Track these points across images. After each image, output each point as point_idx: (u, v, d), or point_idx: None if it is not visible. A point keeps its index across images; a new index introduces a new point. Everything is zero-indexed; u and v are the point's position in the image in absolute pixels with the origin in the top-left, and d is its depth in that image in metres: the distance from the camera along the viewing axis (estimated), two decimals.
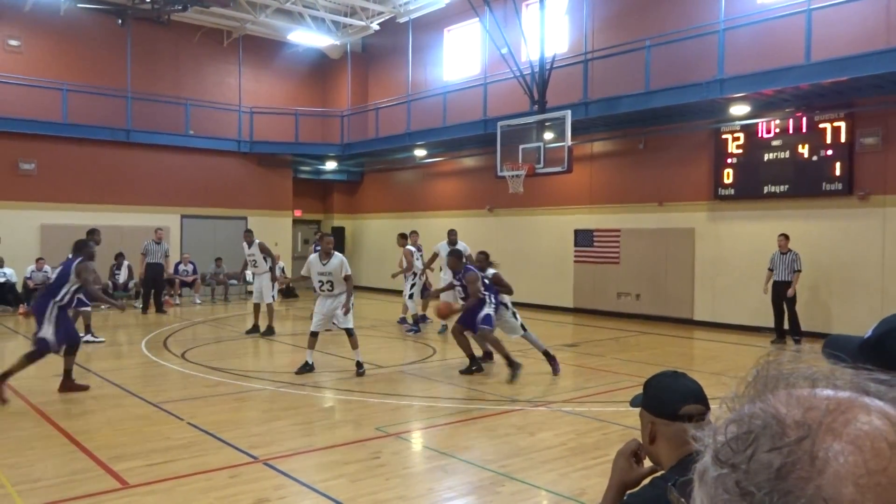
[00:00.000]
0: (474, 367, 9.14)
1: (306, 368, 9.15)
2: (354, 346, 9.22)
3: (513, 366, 8.71)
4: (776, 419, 0.52)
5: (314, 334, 9.33)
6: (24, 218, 17.12)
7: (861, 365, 0.57)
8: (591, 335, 13.07)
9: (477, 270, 9.23)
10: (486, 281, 9.21)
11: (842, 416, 0.51)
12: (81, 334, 11.73)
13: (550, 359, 9.11)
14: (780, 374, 0.57)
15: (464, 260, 9.64)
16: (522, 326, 9.36)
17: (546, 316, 15.81)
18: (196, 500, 4.77)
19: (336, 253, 9.37)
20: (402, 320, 13.79)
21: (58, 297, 7.90)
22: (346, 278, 9.21)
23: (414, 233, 14.34)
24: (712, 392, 1.97)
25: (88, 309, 11.97)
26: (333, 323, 9.47)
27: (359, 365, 9.16)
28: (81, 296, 12.02)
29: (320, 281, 9.27)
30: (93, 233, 12.44)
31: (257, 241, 13.02)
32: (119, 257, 17.04)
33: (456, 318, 9.20)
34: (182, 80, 20.45)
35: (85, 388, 8.13)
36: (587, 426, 6.70)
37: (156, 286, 16.22)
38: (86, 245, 8.45)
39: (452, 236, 12.69)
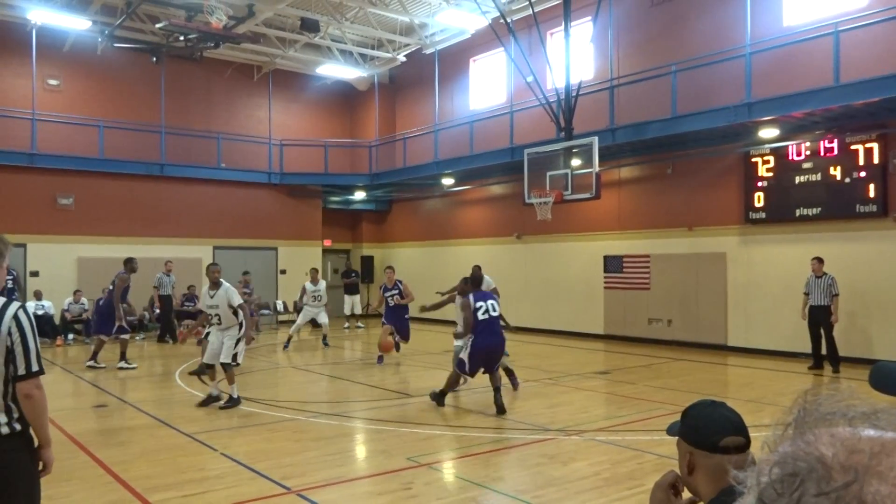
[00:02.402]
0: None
1: (210, 400, 8.96)
2: (230, 380, 8.90)
3: (438, 399, 8.85)
4: (821, 462, 0.52)
5: (209, 366, 9.22)
6: (61, 251, 17.54)
7: None
8: (623, 362, 12.92)
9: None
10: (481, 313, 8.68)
11: (887, 458, 0.51)
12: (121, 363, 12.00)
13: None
14: (819, 413, 0.57)
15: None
16: None
17: (577, 343, 15.67)
18: None
19: (224, 283, 9.09)
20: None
21: None
22: (237, 310, 8.92)
23: (389, 268, 14.01)
24: (748, 420, 1.95)
25: (126, 337, 12.33)
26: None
27: (222, 399, 8.90)
28: (123, 323, 12.33)
29: (209, 314, 9.08)
30: (129, 261, 12.69)
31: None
32: (191, 288, 17.46)
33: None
34: (214, 114, 20.91)
35: None
36: (621, 455, 6.60)
37: (168, 317, 16.55)
38: None
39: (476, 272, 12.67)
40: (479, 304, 8.64)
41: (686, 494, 1.98)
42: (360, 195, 22.63)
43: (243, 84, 21.57)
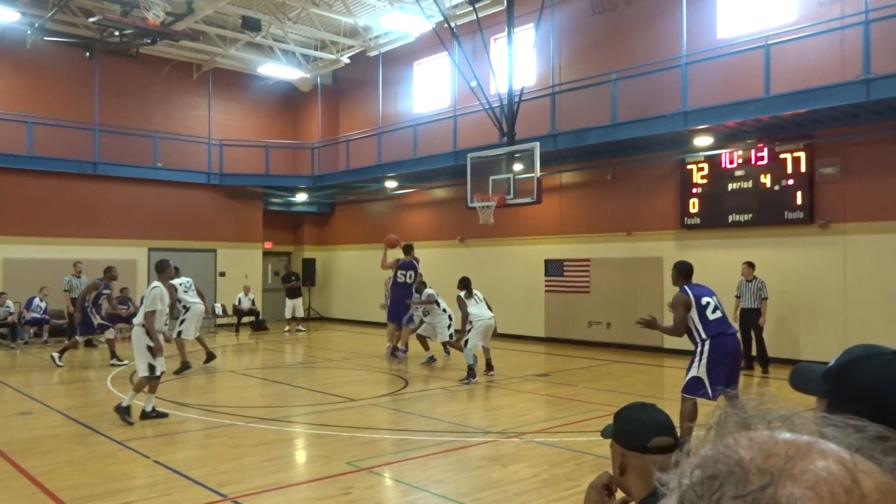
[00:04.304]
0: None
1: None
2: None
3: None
4: (739, 465, 0.53)
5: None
6: None
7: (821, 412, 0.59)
8: (563, 364, 13.10)
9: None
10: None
11: (800, 462, 0.53)
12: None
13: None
14: (740, 416, 0.58)
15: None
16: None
17: (518, 346, 15.81)
18: None
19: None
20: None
21: None
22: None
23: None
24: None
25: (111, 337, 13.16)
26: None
27: (127, 411, 8.09)
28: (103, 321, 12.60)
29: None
30: (108, 270, 13.27)
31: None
32: (124, 290, 16.84)
33: None
34: (151, 112, 20.34)
35: None
36: (560, 457, 6.69)
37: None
38: None
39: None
40: (705, 299, 6.72)
41: (620, 495, 2.01)
42: (301, 197, 22.35)
43: (182, 82, 21.05)
